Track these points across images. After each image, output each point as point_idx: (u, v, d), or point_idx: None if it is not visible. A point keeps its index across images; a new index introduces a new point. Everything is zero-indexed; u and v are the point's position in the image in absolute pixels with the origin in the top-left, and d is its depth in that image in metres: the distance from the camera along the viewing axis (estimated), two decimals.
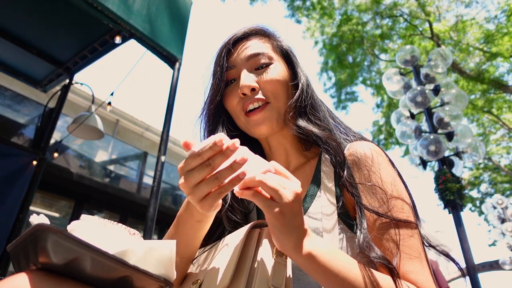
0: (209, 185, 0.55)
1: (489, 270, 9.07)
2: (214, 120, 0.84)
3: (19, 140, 3.91)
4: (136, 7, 2.46)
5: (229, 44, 0.81)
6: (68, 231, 0.48)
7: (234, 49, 0.82)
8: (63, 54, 3.27)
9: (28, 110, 4.57)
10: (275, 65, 0.81)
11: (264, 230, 0.60)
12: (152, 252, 0.54)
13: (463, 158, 4.46)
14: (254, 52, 0.80)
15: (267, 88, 0.78)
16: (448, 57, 5.13)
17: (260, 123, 0.77)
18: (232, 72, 0.81)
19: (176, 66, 2.66)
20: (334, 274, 0.55)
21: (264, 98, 0.78)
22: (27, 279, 0.45)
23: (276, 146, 0.85)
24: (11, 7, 2.72)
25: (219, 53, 0.82)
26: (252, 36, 0.84)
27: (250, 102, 0.78)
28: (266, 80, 0.78)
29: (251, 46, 0.82)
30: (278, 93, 0.79)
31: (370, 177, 0.70)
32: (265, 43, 0.84)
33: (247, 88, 0.77)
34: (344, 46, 9.62)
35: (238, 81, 0.80)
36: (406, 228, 0.65)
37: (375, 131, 11.39)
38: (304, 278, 0.66)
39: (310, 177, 0.79)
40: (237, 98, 0.79)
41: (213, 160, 0.53)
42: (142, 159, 8.20)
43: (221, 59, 0.80)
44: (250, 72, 0.80)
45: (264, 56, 0.80)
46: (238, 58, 0.81)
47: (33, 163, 3.09)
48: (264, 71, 0.79)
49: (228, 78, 0.82)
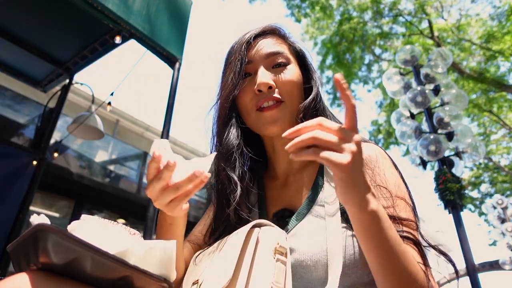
0: (171, 194, 0.57)
1: (489, 270, 9.07)
2: (229, 113, 0.82)
3: (19, 140, 3.91)
4: (136, 7, 2.46)
5: (249, 40, 0.81)
6: (68, 231, 0.48)
7: (252, 45, 0.81)
8: (63, 54, 3.26)
9: (28, 110, 4.57)
10: (292, 66, 0.81)
11: (263, 229, 0.60)
12: (152, 252, 0.54)
13: (463, 158, 4.46)
14: (273, 51, 0.80)
15: (283, 88, 0.78)
16: (448, 57, 5.13)
17: (273, 121, 0.77)
18: (248, 66, 0.80)
19: (176, 66, 2.66)
20: (388, 240, 0.54)
21: (280, 97, 0.77)
22: (28, 279, 0.45)
23: (280, 148, 0.84)
24: (11, 7, 2.72)
25: (237, 49, 0.81)
26: (269, 34, 0.84)
27: (265, 100, 0.77)
28: (283, 80, 0.78)
29: (270, 44, 0.81)
30: (293, 94, 0.79)
31: (374, 177, 0.70)
32: (281, 44, 0.84)
33: (264, 86, 0.76)
34: (344, 44, 9.61)
35: (253, 77, 0.79)
36: (408, 228, 0.65)
37: (374, 131, 11.38)
38: (306, 275, 0.66)
39: (313, 179, 0.79)
40: (251, 94, 0.79)
41: (162, 173, 0.56)
42: (142, 159, 8.20)
43: (240, 54, 0.79)
44: (267, 69, 0.79)
45: (283, 56, 0.80)
46: (257, 54, 0.80)
47: (33, 163, 3.09)
48: (281, 70, 0.79)
49: (244, 72, 0.80)
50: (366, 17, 9.62)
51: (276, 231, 0.60)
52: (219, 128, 0.82)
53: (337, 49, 9.90)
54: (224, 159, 0.79)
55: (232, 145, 0.79)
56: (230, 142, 0.79)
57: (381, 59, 10.61)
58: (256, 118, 0.79)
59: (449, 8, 9.61)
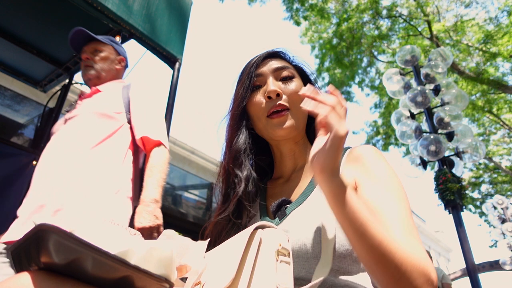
0: None
1: (489, 270, 9.08)
2: (238, 121, 0.93)
3: (19, 140, 3.91)
4: (136, 7, 2.46)
5: (258, 61, 0.92)
6: (69, 231, 0.48)
7: (261, 64, 0.93)
8: (63, 54, 3.26)
9: (28, 110, 4.58)
10: (297, 80, 0.92)
11: (266, 231, 0.61)
12: (153, 252, 0.54)
13: (463, 158, 4.46)
14: (280, 66, 0.92)
15: (290, 97, 0.88)
16: (448, 57, 5.13)
17: (282, 125, 0.85)
18: (258, 79, 0.91)
19: (176, 66, 2.66)
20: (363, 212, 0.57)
21: (287, 105, 0.87)
22: (30, 279, 0.46)
23: (286, 152, 0.92)
24: (11, 7, 2.72)
25: (247, 68, 0.93)
26: (276, 55, 0.96)
27: (275, 107, 0.86)
28: (289, 90, 0.89)
29: (276, 62, 0.93)
30: (298, 104, 0.86)
31: (369, 170, 0.76)
32: (287, 63, 0.95)
33: (273, 93, 0.86)
34: (343, 45, 9.61)
35: (264, 87, 0.90)
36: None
37: (373, 132, 11.38)
38: (302, 253, 0.69)
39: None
40: (262, 102, 0.89)
41: None
42: None
43: (250, 72, 0.91)
44: (275, 80, 0.90)
45: (288, 70, 0.92)
46: (266, 68, 0.92)
47: (33, 163, 3.09)
48: (287, 82, 0.90)
49: (254, 84, 0.92)
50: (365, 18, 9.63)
51: (278, 232, 0.61)
52: (230, 135, 0.93)
53: (335, 51, 9.91)
54: (233, 160, 0.90)
55: (240, 149, 0.90)
56: (238, 146, 0.90)
57: (377, 59, 10.62)
58: (265, 123, 0.88)
59: (445, 13, 9.65)
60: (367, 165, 0.77)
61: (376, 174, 0.74)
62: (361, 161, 0.78)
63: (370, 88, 11.17)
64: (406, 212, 0.67)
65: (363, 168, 0.77)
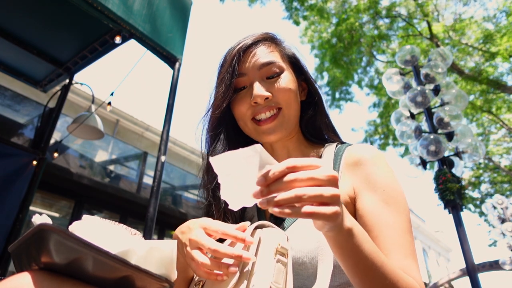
0: None
1: (489, 270, 9.07)
2: (218, 125, 0.86)
3: (19, 140, 3.91)
4: (136, 7, 2.46)
5: (240, 52, 0.82)
6: (70, 231, 0.48)
7: (244, 57, 0.82)
8: (63, 54, 3.26)
9: (28, 110, 4.58)
10: (286, 74, 0.83)
11: (266, 230, 0.61)
12: (153, 252, 0.54)
13: (463, 158, 4.46)
14: (266, 61, 0.81)
15: (280, 96, 0.80)
16: (448, 57, 5.13)
17: (271, 132, 0.80)
18: (242, 79, 0.82)
19: (176, 66, 2.66)
20: (365, 255, 0.55)
21: (277, 105, 0.80)
22: (30, 279, 0.45)
23: (279, 148, 0.88)
24: (11, 7, 2.72)
25: (228, 60, 0.82)
26: (260, 43, 0.85)
27: (262, 111, 0.80)
28: (279, 89, 0.80)
29: (262, 55, 0.82)
30: (290, 102, 0.82)
31: (369, 179, 0.74)
32: (273, 52, 0.85)
33: (260, 98, 0.78)
34: (341, 45, 9.59)
35: (249, 89, 0.81)
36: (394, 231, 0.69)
37: (371, 132, 11.37)
38: (303, 272, 0.68)
39: None
40: (248, 105, 0.81)
41: None
42: (142, 159, 8.20)
43: (231, 67, 0.81)
44: (262, 80, 0.81)
45: (275, 65, 0.82)
46: (250, 66, 0.81)
47: (33, 163, 3.09)
48: (276, 80, 0.81)
49: (238, 85, 0.82)
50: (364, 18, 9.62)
51: (277, 232, 0.61)
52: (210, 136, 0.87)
53: (334, 50, 9.89)
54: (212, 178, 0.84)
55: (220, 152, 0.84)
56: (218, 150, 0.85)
57: (376, 59, 10.61)
58: (253, 128, 0.82)
59: (443, 11, 9.63)
60: (367, 172, 0.74)
61: (376, 184, 0.72)
62: (361, 167, 0.75)
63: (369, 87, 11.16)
64: (405, 227, 0.68)
65: (362, 176, 0.74)
